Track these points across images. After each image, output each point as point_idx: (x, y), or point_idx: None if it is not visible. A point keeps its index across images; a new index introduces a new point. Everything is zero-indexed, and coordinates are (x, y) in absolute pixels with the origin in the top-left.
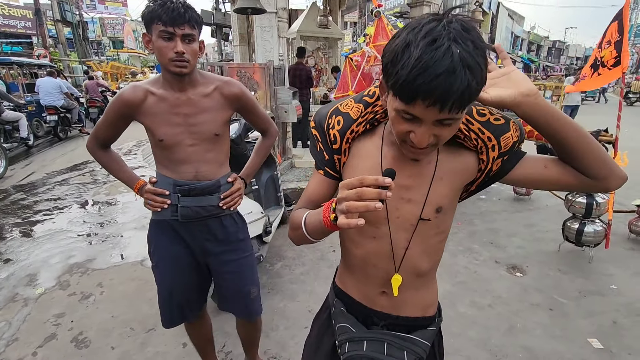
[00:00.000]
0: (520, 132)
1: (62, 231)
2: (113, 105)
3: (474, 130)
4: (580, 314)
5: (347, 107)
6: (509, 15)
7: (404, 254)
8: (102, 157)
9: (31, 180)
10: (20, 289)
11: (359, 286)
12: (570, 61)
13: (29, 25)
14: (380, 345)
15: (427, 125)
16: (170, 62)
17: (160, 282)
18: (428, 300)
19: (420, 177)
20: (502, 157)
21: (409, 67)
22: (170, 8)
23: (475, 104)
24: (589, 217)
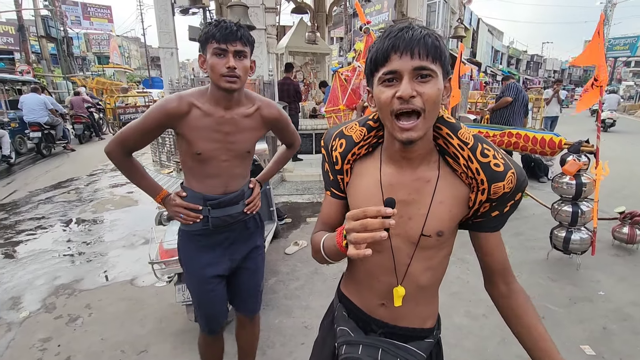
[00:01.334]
0: (515, 185)
1: (46, 251)
2: (154, 113)
3: (472, 169)
4: (572, 321)
5: (351, 130)
6: (488, 31)
7: (407, 269)
8: (125, 164)
9: (13, 199)
10: (3, 313)
11: (361, 295)
12: (548, 74)
13: (11, 41)
14: (375, 351)
15: (407, 77)
16: (221, 77)
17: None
18: (428, 313)
19: (419, 193)
20: (491, 203)
21: (380, 40)
22: (223, 27)
23: (483, 142)
24: (575, 225)
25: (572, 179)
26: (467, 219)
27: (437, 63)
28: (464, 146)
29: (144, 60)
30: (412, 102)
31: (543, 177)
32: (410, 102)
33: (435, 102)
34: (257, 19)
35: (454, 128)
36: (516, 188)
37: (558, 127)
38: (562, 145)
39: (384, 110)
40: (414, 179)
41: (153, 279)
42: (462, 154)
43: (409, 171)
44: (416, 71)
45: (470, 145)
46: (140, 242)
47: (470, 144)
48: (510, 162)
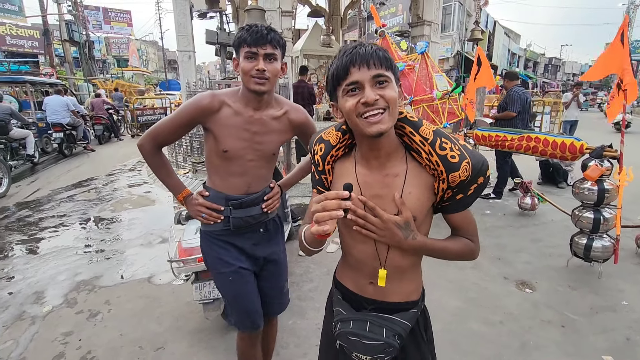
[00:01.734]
0: (472, 172)
1: (68, 248)
2: (188, 109)
3: (432, 161)
4: (593, 331)
5: (328, 135)
6: (505, 34)
7: (387, 254)
8: (154, 159)
9: (37, 197)
10: (27, 307)
11: (352, 277)
12: (567, 77)
13: (36, 44)
14: (364, 324)
15: (368, 85)
16: (250, 79)
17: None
18: (412, 288)
19: (390, 187)
20: (452, 190)
21: (338, 58)
22: (254, 31)
23: (442, 136)
24: (597, 232)
25: (594, 185)
26: (437, 204)
27: (389, 71)
28: (425, 141)
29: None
30: (377, 104)
31: (562, 182)
32: (375, 104)
33: (395, 102)
34: (274, 22)
35: (416, 126)
36: (474, 174)
37: (578, 131)
38: (584, 150)
39: (351, 116)
40: (384, 176)
41: (170, 277)
42: (423, 148)
43: (379, 169)
44: (375, 79)
45: (430, 140)
46: (157, 240)
47: (430, 139)
48: (467, 152)
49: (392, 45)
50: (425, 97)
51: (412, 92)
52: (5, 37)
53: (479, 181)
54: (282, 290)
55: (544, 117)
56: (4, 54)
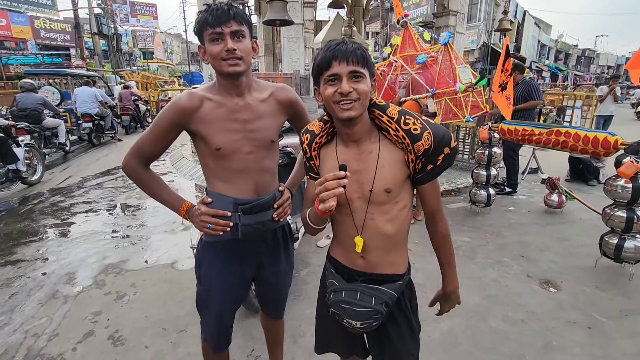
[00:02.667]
0: (434, 141)
1: (97, 233)
2: (166, 113)
3: (399, 136)
4: (622, 335)
5: (313, 125)
6: (535, 24)
7: (364, 222)
8: (143, 177)
9: (68, 184)
10: (60, 287)
11: (343, 251)
12: (601, 70)
13: (67, 38)
14: (355, 294)
15: (345, 78)
16: (222, 62)
17: (211, 306)
18: (398, 261)
19: (365, 163)
20: (420, 160)
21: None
22: (214, 9)
23: (406, 114)
24: (629, 232)
25: (628, 182)
26: (412, 177)
27: (365, 68)
28: (391, 120)
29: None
30: (350, 96)
31: (592, 180)
32: (349, 95)
33: (366, 94)
34: (295, 13)
35: (383, 108)
36: (438, 143)
37: (612, 126)
38: (618, 146)
39: (328, 101)
40: (359, 153)
41: (192, 263)
42: (391, 126)
43: (355, 148)
44: (351, 73)
45: (396, 118)
46: (180, 228)
47: (395, 118)
48: (428, 125)
49: (415, 36)
50: (448, 90)
51: (434, 85)
52: (40, 30)
53: (445, 151)
54: (282, 299)
55: (574, 111)
56: (39, 47)
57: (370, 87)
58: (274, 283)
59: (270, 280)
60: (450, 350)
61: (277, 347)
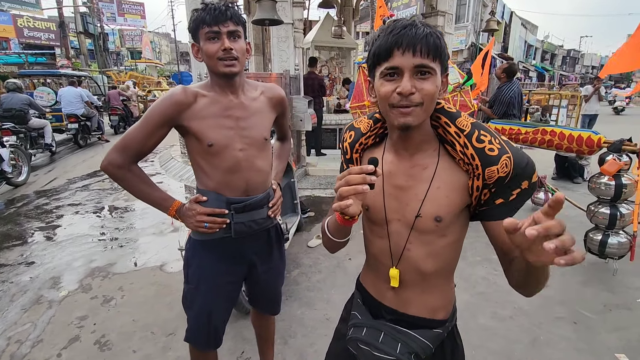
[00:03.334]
0: (513, 170)
1: (83, 235)
2: (159, 106)
3: (467, 155)
4: (606, 329)
5: (360, 122)
6: (522, 25)
7: (403, 252)
8: (127, 175)
9: (54, 186)
10: (44, 292)
11: (373, 281)
12: (586, 70)
13: (52, 37)
14: (377, 334)
15: (408, 74)
16: (218, 61)
17: (200, 305)
18: (436, 304)
19: (416, 180)
20: (489, 189)
21: (383, 36)
22: (212, 8)
23: (481, 129)
24: (613, 228)
25: (611, 180)
26: (474, 209)
27: (436, 61)
28: (461, 133)
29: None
30: (411, 99)
31: (578, 177)
32: (409, 98)
33: (432, 97)
34: (284, 13)
35: (452, 117)
36: (516, 174)
37: (597, 125)
38: (602, 144)
39: (383, 102)
40: (411, 166)
41: (181, 265)
42: (458, 140)
43: (407, 159)
44: (417, 68)
45: (467, 132)
46: (168, 230)
47: (467, 131)
48: (508, 147)
49: None
50: None
51: None
52: (23, 29)
53: (523, 186)
54: (276, 296)
55: (560, 110)
56: (22, 46)
57: (439, 86)
58: (266, 280)
59: (262, 277)
60: None
61: (268, 347)
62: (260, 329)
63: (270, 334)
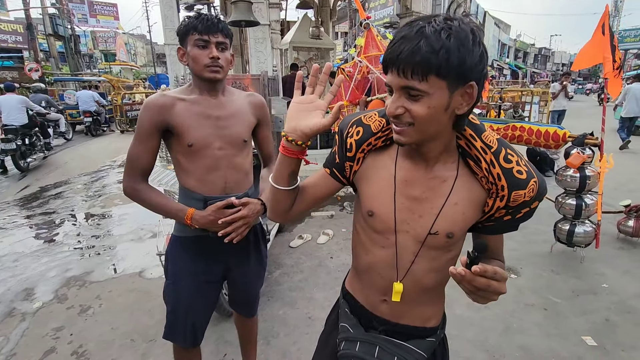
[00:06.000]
0: (536, 194)
1: (57, 244)
2: (144, 116)
3: (493, 174)
4: (574, 313)
5: (369, 119)
6: (495, 24)
7: (410, 267)
8: (143, 196)
9: (24, 195)
10: (17, 304)
11: (363, 291)
12: (557, 68)
13: (19, 39)
14: (372, 348)
15: (397, 94)
16: (205, 68)
17: (176, 300)
18: (430, 313)
19: (433, 192)
20: (508, 210)
21: (390, 44)
22: (205, 19)
23: (507, 147)
24: (579, 218)
25: (576, 172)
26: (477, 222)
27: (427, 80)
28: (487, 150)
29: (150, 57)
30: (401, 119)
31: (549, 171)
32: (399, 118)
33: (426, 120)
34: (260, 14)
35: (478, 130)
36: (535, 197)
37: (565, 120)
38: (567, 138)
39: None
40: (429, 177)
41: (161, 271)
42: (484, 157)
43: (425, 169)
44: (404, 89)
45: (494, 149)
46: (147, 235)
47: (494, 148)
48: (532, 170)
49: (378, 37)
50: None
51: None
52: None
53: (533, 205)
54: (255, 298)
55: (532, 106)
56: None
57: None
58: (243, 284)
59: (239, 281)
60: None
61: (250, 348)
62: (243, 329)
63: (252, 335)
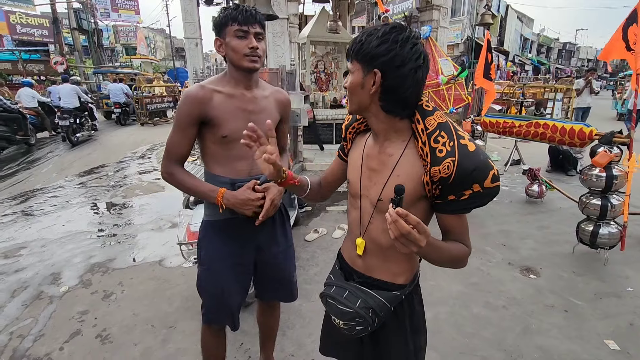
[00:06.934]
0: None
1: (82, 232)
2: (183, 107)
3: (424, 152)
4: (596, 316)
5: None
6: (518, 18)
7: (367, 226)
8: (177, 179)
9: (48, 184)
10: (45, 287)
11: (348, 248)
12: (582, 63)
13: (45, 33)
14: (342, 291)
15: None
16: (244, 57)
17: (212, 285)
18: (398, 270)
19: (383, 165)
20: (437, 186)
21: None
22: (244, 9)
23: (444, 130)
24: (604, 219)
25: (602, 171)
26: (431, 201)
27: (352, 61)
28: (425, 131)
29: (169, 51)
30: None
31: (572, 170)
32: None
33: (350, 91)
34: (279, 8)
35: (425, 114)
36: (462, 176)
37: (590, 118)
38: (593, 136)
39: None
40: (381, 153)
41: (180, 260)
42: (421, 137)
43: (378, 145)
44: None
45: (430, 130)
46: (167, 225)
47: (430, 130)
48: (459, 151)
49: None
50: (431, 83)
51: None
52: (16, 26)
53: (475, 188)
54: (291, 280)
55: (555, 103)
56: (15, 42)
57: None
58: (277, 264)
59: (272, 261)
60: (433, 337)
61: (270, 340)
62: (265, 325)
63: (274, 330)
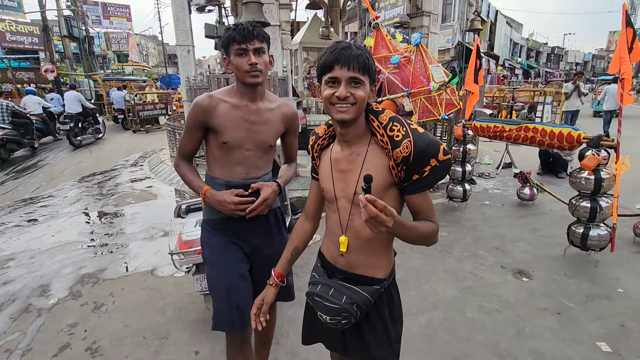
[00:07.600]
0: (414, 151)
1: (72, 242)
2: (191, 113)
3: (384, 141)
4: (588, 318)
5: (319, 128)
6: (507, 23)
7: (348, 223)
8: (180, 170)
9: (39, 193)
10: (33, 300)
11: (329, 248)
12: (570, 67)
13: (35, 40)
14: (328, 289)
15: (344, 83)
16: (246, 73)
17: (217, 282)
18: (378, 264)
19: (353, 164)
20: (401, 168)
21: (327, 53)
22: (242, 29)
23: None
24: (594, 221)
25: (591, 174)
26: (399, 186)
27: (365, 75)
28: (380, 125)
29: (162, 57)
30: (347, 100)
31: (562, 172)
32: (346, 100)
33: (363, 100)
34: (271, 15)
35: (377, 114)
36: (419, 153)
37: (579, 121)
38: (581, 140)
39: (326, 102)
40: (349, 154)
41: (172, 269)
42: (379, 131)
43: (347, 149)
44: (351, 79)
45: (384, 124)
46: (159, 234)
47: (384, 124)
48: (412, 133)
49: (387, 37)
50: (423, 89)
51: (409, 84)
52: (5, 33)
53: (432, 163)
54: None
55: (545, 107)
56: (4, 50)
57: (368, 93)
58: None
59: (266, 263)
60: (428, 342)
61: (264, 348)
62: (263, 332)
63: (269, 335)
